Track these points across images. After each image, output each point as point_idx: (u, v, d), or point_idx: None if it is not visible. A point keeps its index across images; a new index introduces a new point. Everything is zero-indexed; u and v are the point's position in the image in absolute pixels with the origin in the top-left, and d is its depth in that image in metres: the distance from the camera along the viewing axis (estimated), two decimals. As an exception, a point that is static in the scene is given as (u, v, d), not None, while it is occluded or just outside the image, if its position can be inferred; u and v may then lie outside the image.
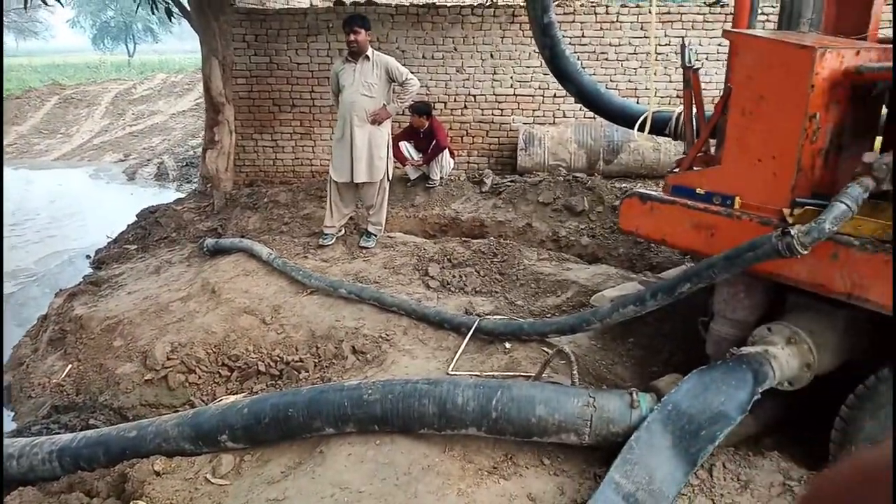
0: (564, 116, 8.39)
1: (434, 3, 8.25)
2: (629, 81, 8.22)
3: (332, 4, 9.12)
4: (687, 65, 3.36)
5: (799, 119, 2.56)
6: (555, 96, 8.23)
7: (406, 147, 7.08)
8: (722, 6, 7.88)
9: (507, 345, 3.57)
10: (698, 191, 3.00)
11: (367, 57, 5.29)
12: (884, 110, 2.80)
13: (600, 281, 4.45)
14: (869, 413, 2.53)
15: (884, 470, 0.58)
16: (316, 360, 3.93)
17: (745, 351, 2.66)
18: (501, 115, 8.47)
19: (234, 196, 7.61)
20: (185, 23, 8.58)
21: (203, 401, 3.88)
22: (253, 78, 8.59)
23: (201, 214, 7.48)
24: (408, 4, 8.34)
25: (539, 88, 8.29)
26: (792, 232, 2.33)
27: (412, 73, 5.44)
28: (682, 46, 3.39)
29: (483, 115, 8.48)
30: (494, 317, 3.95)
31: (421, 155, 7.09)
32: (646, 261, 5.49)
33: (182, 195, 9.18)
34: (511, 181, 6.94)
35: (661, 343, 3.80)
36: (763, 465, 2.57)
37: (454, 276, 4.71)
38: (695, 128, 3.39)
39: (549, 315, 4.11)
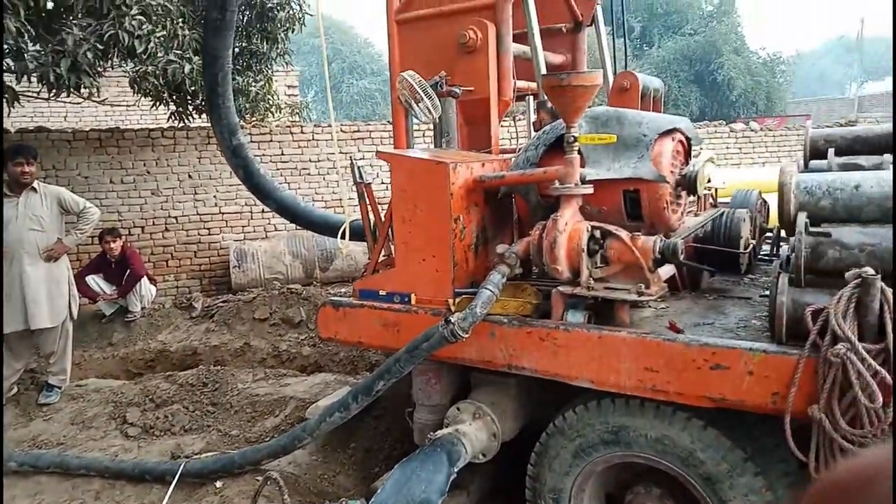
0: (276, 230, 8.46)
1: (118, 128, 7.83)
2: (333, 193, 8.69)
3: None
4: (358, 180, 3.69)
5: (447, 222, 2.96)
6: (263, 211, 8.28)
7: (94, 281, 6.38)
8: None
9: (219, 483, 3.30)
10: (381, 292, 3.23)
11: (34, 188, 4.75)
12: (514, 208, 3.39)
13: (318, 391, 4.44)
14: (547, 467, 2.88)
15: (884, 469, 0.58)
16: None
17: (438, 434, 2.85)
18: (209, 235, 8.21)
19: None
20: None
21: None
22: None
23: None
24: (87, 130, 7.78)
25: (246, 205, 8.27)
26: (452, 320, 2.63)
27: (101, 199, 5.03)
28: (352, 164, 3.73)
29: (188, 236, 8.13)
30: (204, 455, 3.65)
31: (115, 287, 6.45)
32: (366, 361, 5.65)
33: None
34: (224, 301, 6.68)
35: (381, 441, 3.89)
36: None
37: (158, 418, 4.26)
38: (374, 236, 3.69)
39: (268, 438, 3.93)
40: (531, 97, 3.79)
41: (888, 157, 3.08)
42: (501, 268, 2.78)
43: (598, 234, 2.65)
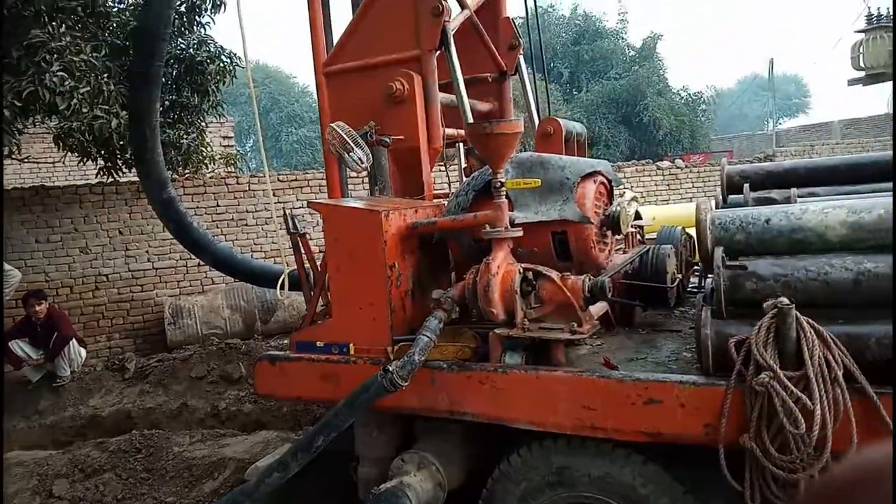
0: (213, 283, 8.24)
1: (43, 186, 7.55)
2: (273, 242, 8.56)
3: None
4: (292, 231, 3.65)
5: (381, 269, 2.95)
6: (199, 265, 8.06)
7: (19, 346, 6.04)
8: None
9: (151, 557, 3.11)
10: (318, 343, 3.18)
11: (-54, 253, 4.50)
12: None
13: (259, 450, 4.28)
14: (494, 514, 2.84)
15: (883, 468, 0.58)
16: None
17: (382, 488, 2.79)
18: (142, 292, 7.92)
19: None
20: None
21: None
22: None
23: None
24: (10, 188, 7.46)
25: (181, 259, 8.04)
26: (391, 368, 2.60)
27: (26, 260, 4.80)
28: (285, 215, 3.70)
29: (120, 294, 7.81)
30: (136, 526, 3.44)
31: (41, 352, 6.11)
32: (310, 415, 5.50)
33: None
34: (158, 361, 6.41)
35: (324, 499, 3.76)
36: None
37: (88, 489, 4.02)
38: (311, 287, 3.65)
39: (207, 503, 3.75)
40: (460, 143, 3.88)
41: (795, 191, 3.28)
42: (438, 313, 2.79)
43: (530, 275, 2.70)
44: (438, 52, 3.66)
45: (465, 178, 3.55)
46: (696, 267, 4.00)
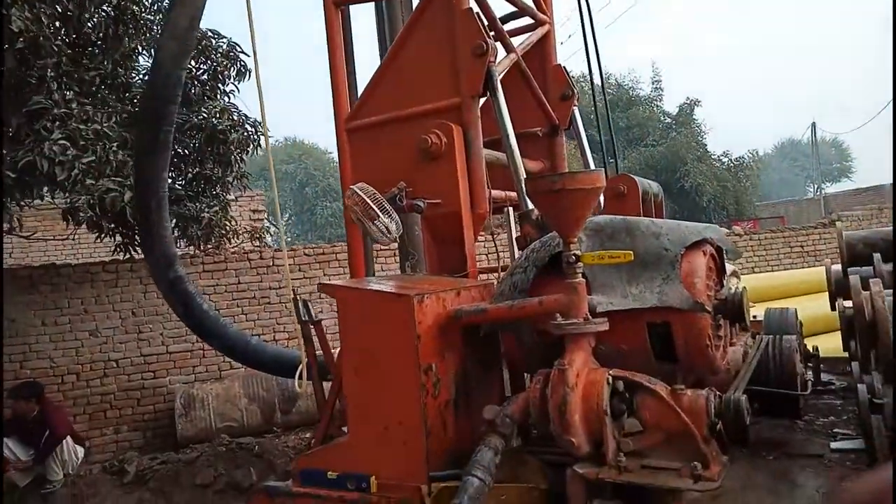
0: (232, 368, 7.52)
1: (53, 264, 7.08)
2: (296, 323, 7.86)
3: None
4: (304, 318, 2.95)
5: (414, 374, 2.19)
6: (217, 348, 7.40)
7: (7, 445, 5.35)
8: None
9: None
10: (330, 474, 2.38)
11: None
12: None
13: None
14: None
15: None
16: None
17: None
18: (154, 378, 7.24)
19: None
20: None
21: None
22: None
23: None
24: (17, 267, 7.01)
25: (197, 342, 7.36)
26: (428, 530, 1.80)
27: (31, 344, 4.20)
28: (295, 300, 3.01)
29: (130, 381, 7.15)
30: None
31: (32, 452, 5.41)
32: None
33: None
34: (162, 462, 5.64)
35: None
36: None
37: None
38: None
39: None
40: (510, 208, 3.17)
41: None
42: (492, 440, 1.99)
43: (622, 386, 1.91)
44: (483, 101, 3.04)
45: (519, 251, 2.82)
46: (813, 360, 3.12)
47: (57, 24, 4.77)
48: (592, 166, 3.77)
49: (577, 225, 2.01)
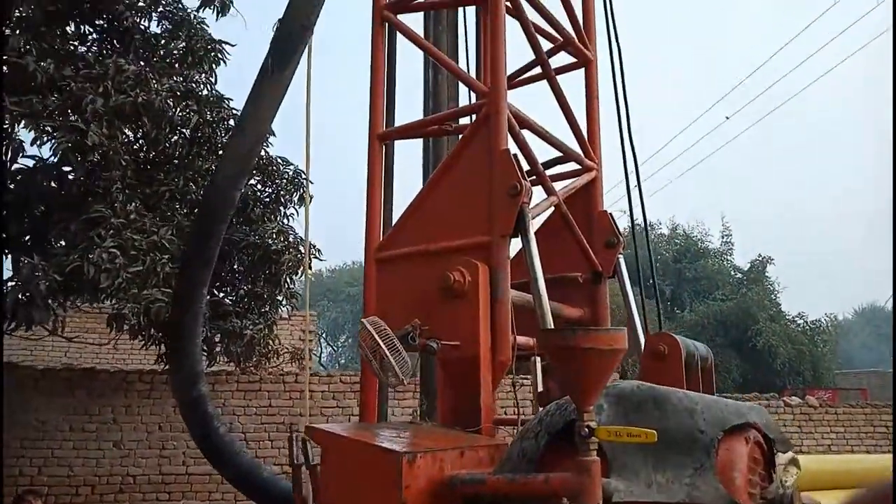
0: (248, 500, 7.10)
1: (94, 368, 7.12)
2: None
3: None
4: (295, 462, 2.66)
5: (394, 551, 1.85)
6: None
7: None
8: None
9: None
10: None
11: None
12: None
13: None
14: None
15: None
16: None
17: None
18: (169, 500, 6.89)
19: None
20: None
21: None
22: None
23: None
24: (60, 368, 7.07)
25: (219, 465, 7.07)
26: None
27: (54, 449, 4.07)
28: (291, 439, 2.74)
29: (145, 500, 6.83)
30: None
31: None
32: None
33: None
34: None
35: None
36: None
37: None
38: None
39: None
40: (537, 357, 2.88)
41: None
42: None
43: None
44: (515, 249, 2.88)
45: (538, 409, 2.49)
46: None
47: (132, 140, 5.09)
48: (637, 319, 3.46)
49: (592, 390, 1.72)
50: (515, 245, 2.99)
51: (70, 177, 5.02)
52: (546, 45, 3.77)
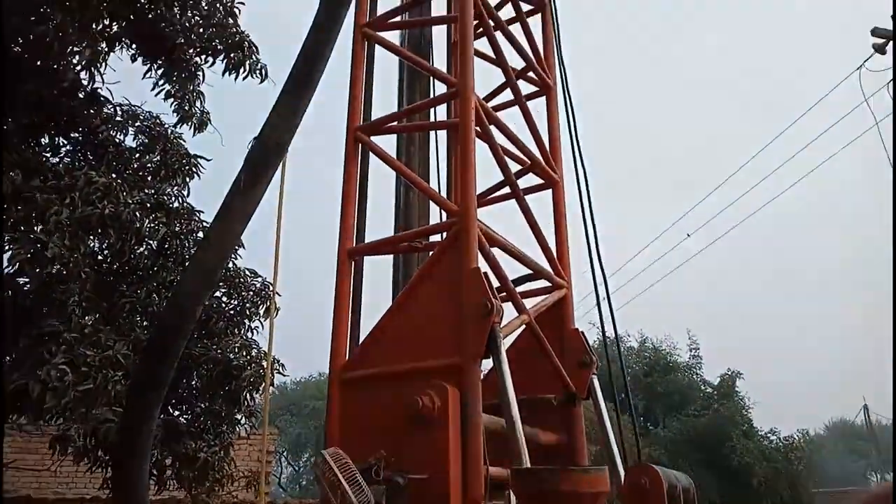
0: None
1: (29, 496, 6.51)
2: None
3: None
4: None
5: None
6: None
7: None
8: None
9: None
10: None
11: None
12: None
13: None
14: None
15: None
16: None
17: None
18: None
19: None
20: None
21: None
22: None
23: None
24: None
25: None
26: None
27: None
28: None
29: None
30: None
31: None
32: None
33: None
34: None
35: None
36: None
37: None
38: None
39: None
40: (511, 491, 2.69)
41: None
42: None
43: None
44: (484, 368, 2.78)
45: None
46: None
47: (96, 251, 4.96)
48: (615, 447, 3.31)
49: (573, 537, 1.57)
50: (485, 364, 2.90)
51: (25, 289, 4.82)
52: (515, 167, 3.88)
